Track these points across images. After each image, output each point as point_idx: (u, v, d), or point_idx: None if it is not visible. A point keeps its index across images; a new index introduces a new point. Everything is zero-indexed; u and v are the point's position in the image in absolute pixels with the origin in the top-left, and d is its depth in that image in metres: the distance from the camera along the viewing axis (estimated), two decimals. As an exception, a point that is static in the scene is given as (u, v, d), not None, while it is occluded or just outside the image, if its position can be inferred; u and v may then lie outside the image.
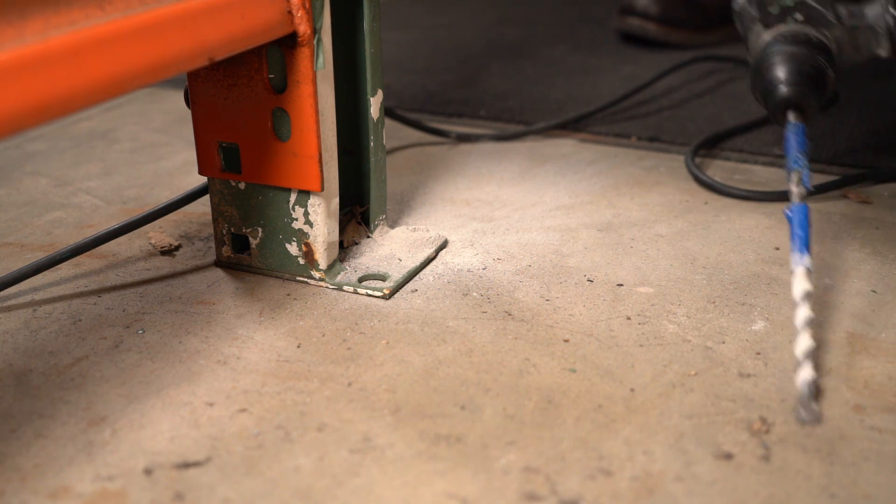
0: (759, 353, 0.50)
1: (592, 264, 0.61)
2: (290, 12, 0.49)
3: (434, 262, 0.61)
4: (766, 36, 0.60)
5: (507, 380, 0.48)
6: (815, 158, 0.79)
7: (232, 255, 0.61)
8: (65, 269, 0.61)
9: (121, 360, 0.50)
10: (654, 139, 0.86)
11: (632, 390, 0.47)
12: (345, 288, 0.57)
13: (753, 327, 0.53)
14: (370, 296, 0.57)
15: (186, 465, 0.42)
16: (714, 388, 0.47)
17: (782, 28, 0.60)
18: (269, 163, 0.55)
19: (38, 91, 0.35)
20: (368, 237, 0.64)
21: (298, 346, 0.51)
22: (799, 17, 0.60)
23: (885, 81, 1.01)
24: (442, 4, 1.58)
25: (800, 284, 0.49)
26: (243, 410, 0.46)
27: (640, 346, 0.51)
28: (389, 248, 0.63)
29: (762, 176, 0.77)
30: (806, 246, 0.50)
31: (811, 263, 0.50)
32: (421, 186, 0.76)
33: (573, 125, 0.90)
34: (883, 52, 0.63)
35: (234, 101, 0.54)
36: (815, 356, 0.48)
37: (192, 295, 0.58)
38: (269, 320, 0.54)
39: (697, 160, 0.79)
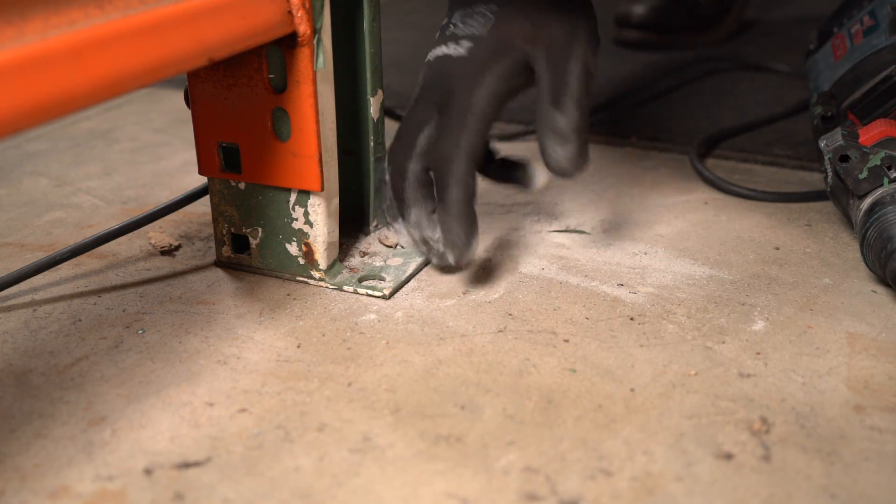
0: (759, 353, 0.50)
1: (593, 264, 0.61)
2: (290, 12, 0.49)
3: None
4: (869, 200, 0.57)
5: (507, 380, 0.48)
6: (813, 158, 0.79)
7: (232, 255, 0.61)
8: (65, 269, 0.61)
9: (121, 360, 0.50)
10: (654, 139, 0.86)
11: (632, 390, 0.47)
12: (345, 288, 0.57)
13: (753, 327, 0.53)
14: (370, 296, 0.57)
15: (186, 465, 0.42)
16: (714, 388, 0.47)
17: (880, 191, 0.57)
18: (269, 163, 0.55)
19: (38, 91, 0.35)
20: (368, 237, 0.64)
21: (298, 346, 0.51)
22: (893, 173, 0.57)
23: None
24: (442, 4, 1.58)
25: None
26: (243, 410, 0.46)
27: (640, 346, 0.51)
28: (389, 248, 0.63)
29: (762, 175, 0.77)
30: None
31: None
32: (421, 186, 0.76)
33: (573, 125, 0.90)
34: None
35: (234, 101, 0.54)
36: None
37: (192, 295, 0.58)
38: (269, 320, 0.54)
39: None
